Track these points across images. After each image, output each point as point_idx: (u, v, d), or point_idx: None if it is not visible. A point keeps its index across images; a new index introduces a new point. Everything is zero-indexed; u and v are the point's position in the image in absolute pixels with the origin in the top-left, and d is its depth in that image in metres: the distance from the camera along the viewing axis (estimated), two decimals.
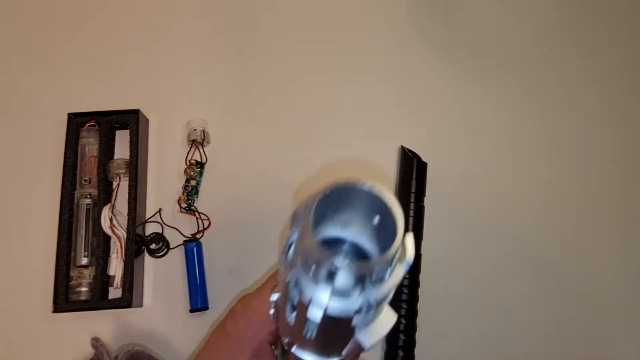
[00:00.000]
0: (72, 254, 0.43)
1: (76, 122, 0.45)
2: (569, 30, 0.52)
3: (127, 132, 0.46)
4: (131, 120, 0.45)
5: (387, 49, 0.51)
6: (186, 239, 0.44)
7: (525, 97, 0.50)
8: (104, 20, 0.51)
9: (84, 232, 0.43)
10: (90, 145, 0.45)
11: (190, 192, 0.45)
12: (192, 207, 0.45)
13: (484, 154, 0.49)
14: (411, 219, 0.44)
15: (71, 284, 0.42)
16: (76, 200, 0.44)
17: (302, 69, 0.50)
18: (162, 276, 0.44)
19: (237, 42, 0.51)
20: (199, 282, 0.43)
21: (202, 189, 0.46)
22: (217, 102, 0.49)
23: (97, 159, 0.44)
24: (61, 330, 0.43)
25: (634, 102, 0.51)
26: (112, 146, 0.47)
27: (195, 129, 0.46)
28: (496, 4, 0.53)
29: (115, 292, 0.43)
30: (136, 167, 0.44)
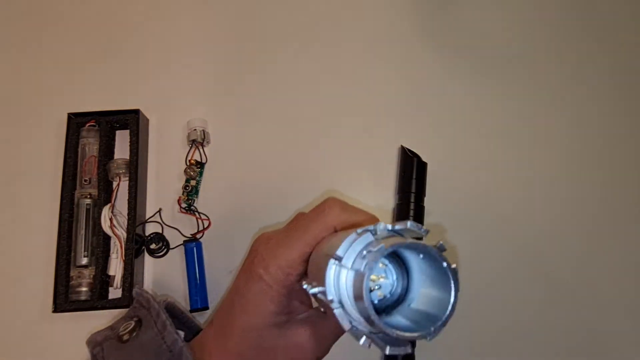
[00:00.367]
0: (72, 254, 0.43)
1: (76, 122, 0.45)
2: (569, 30, 0.52)
3: (127, 132, 0.46)
4: (131, 120, 0.45)
5: (387, 49, 0.51)
6: (186, 239, 0.44)
7: (525, 97, 0.50)
8: (104, 20, 0.51)
9: (84, 232, 0.43)
10: (90, 145, 0.45)
11: (190, 192, 0.45)
12: (192, 207, 0.45)
13: (484, 154, 0.49)
14: (411, 219, 0.44)
15: (71, 283, 0.42)
16: (76, 200, 0.44)
17: (302, 68, 0.50)
18: (162, 276, 0.44)
19: (237, 42, 0.51)
20: (199, 282, 0.43)
21: (202, 189, 0.46)
22: (217, 102, 0.49)
23: (97, 159, 0.44)
24: (61, 330, 0.43)
25: (634, 101, 0.51)
26: (112, 146, 0.47)
27: (195, 129, 0.46)
28: (497, 4, 0.53)
29: (115, 292, 0.43)
30: (136, 167, 0.44)
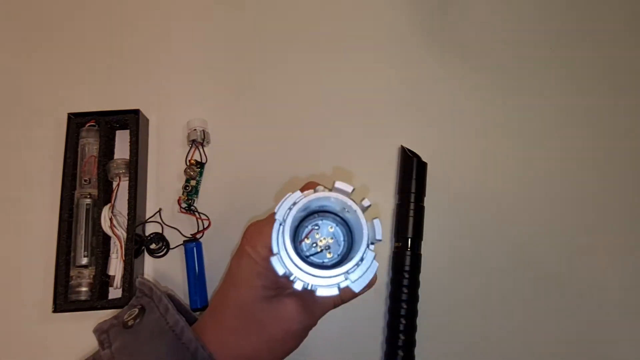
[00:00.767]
0: (72, 254, 0.43)
1: (76, 122, 0.45)
2: (569, 30, 0.52)
3: (127, 132, 0.46)
4: (131, 120, 0.45)
5: (387, 50, 0.51)
6: (186, 239, 0.44)
7: (526, 97, 0.50)
8: (105, 20, 0.51)
9: (83, 232, 0.43)
10: (90, 145, 0.45)
11: (190, 192, 0.45)
12: (192, 207, 0.45)
13: (484, 154, 0.49)
14: (411, 219, 0.44)
15: (71, 283, 0.42)
16: (76, 200, 0.44)
17: (302, 69, 0.50)
18: (162, 276, 0.44)
19: (237, 42, 0.51)
20: (198, 282, 0.43)
21: (202, 189, 0.46)
22: (217, 102, 0.49)
23: (97, 159, 0.44)
24: (61, 330, 0.43)
25: (637, 102, 0.51)
26: (112, 146, 0.47)
27: (195, 129, 0.46)
28: (497, 4, 0.53)
29: (115, 292, 0.43)
30: (136, 167, 0.44)
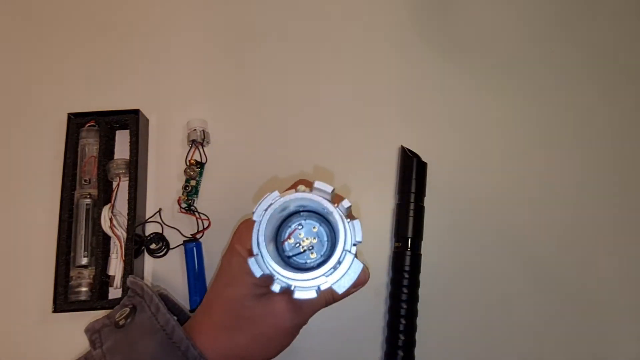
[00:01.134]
0: (72, 254, 0.43)
1: (76, 122, 0.45)
2: (570, 30, 0.52)
3: (127, 132, 0.46)
4: (131, 120, 0.45)
5: (387, 49, 0.51)
6: (186, 239, 0.44)
7: (526, 97, 0.50)
8: (105, 20, 0.51)
9: (83, 232, 0.43)
10: (90, 145, 0.45)
11: (190, 192, 0.45)
12: (192, 207, 0.45)
13: (484, 154, 0.49)
14: (411, 219, 0.44)
15: (71, 284, 0.42)
16: (76, 200, 0.44)
17: (302, 69, 0.50)
18: (162, 276, 0.44)
19: (237, 42, 0.51)
20: (198, 282, 0.43)
21: (202, 189, 0.46)
22: (217, 102, 0.49)
23: (97, 159, 0.44)
24: (61, 330, 0.43)
25: (636, 102, 0.51)
26: (112, 146, 0.47)
27: (195, 129, 0.46)
28: (497, 4, 0.53)
29: (115, 292, 0.43)
30: (136, 167, 0.44)
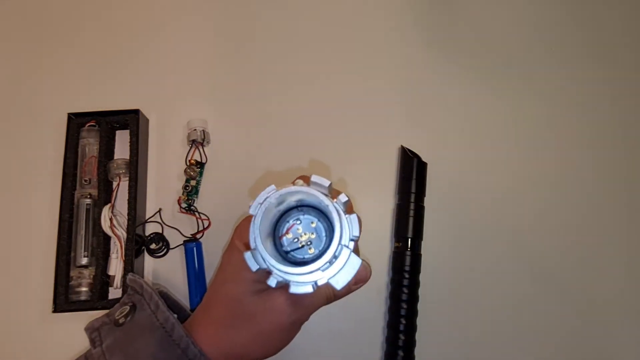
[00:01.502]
0: (72, 254, 0.43)
1: (76, 122, 0.45)
2: (570, 30, 0.52)
3: (127, 132, 0.46)
4: (131, 120, 0.45)
5: (387, 49, 0.51)
6: (186, 239, 0.44)
7: (525, 97, 0.50)
8: (104, 20, 0.51)
9: (84, 232, 0.43)
10: (90, 145, 0.45)
11: (190, 192, 0.45)
12: (192, 207, 0.45)
13: (484, 154, 0.49)
14: (411, 219, 0.44)
15: (71, 284, 0.42)
16: (76, 200, 0.44)
17: (303, 68, 0.50)
18: (162, 276, 0.44)
19: (237, 42, 0.51)
20: (198, 281, 0.43)
21: (202, 189, 0.46)
22: (217, 102, 0.49)
23: (97, 159, 0.45)
24: (61, 330, 0.43)
25: (638, 102, 0.51)
26: (112, 146, 0.47)
27: (195, 129, 0.46)
28: (497, 4, 0.53)
29: (115, 292, 0.43)
30: (136, 167, 0.44)
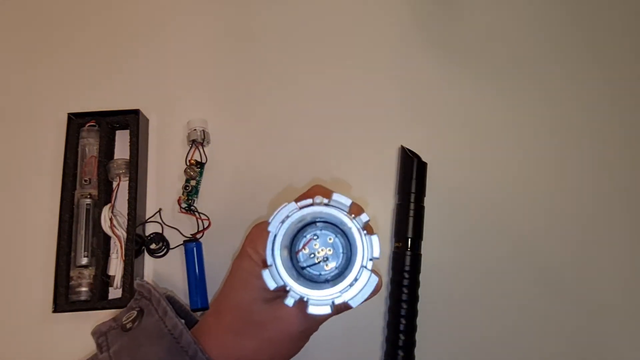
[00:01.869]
0: (72, 254, 0.43)
1: (76, 122, 0.45)
2: (570, 30, 0.52)
3: (127, 132, 0.46)
4: (131, 120, 0.45)
5: (387, 49, 0.51)
6: (186, 239, 0.44)
7: (525, 97, 0.50)
8: (104, 20, 0.51)
9: (84, 232, 0.43)
10: (90, 145, 0.45)
11: (190, 192, 0.45)
12: (192, 207, 0.45)
13: (484, 154, 0.49)
14: (411, 219, 0.44)
15: (71, 284, 0.42)
16: (76, 200, 0.44)
17: (303, 68, 0.50)
18: (162, 276, 0.44)
19: (237, 41, 0.51)
20: (199, 282, 0.43)
21: (202, 189, 0.46)
22: (217, 102, 0.49)
23: (97, 159, 0.45)
24: (61, 330, 0.43)
25: (638, 102, 0.50)
26: (112, 146, 0.47)
27: (195, 129, 0.46)
28: (498, 4, 0.53)
29: (115, 292, 0.43)
30: (136, 167, 0.44)
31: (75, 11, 0.51)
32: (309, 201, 0.27)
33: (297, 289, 0.26)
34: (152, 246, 0.44)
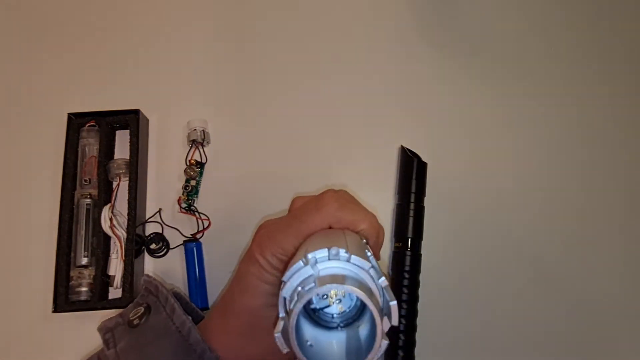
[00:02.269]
0: (72, 254, 0.43)
1: (76, 122, 0.45)
2: (570, 30, 0.52)
3: (127, 132, 0.46)
4: (131, 120, 0.45)
5: (387, 49, 0.51)
6: (186, 239, 0.44)
7: (525, 97, 0.50)
8: (105, 20, 0.51)
9: (84, 232, 0.43)
10: (90, 145, 0.45)
11: (190, 192, 0.45)
12: (192, 207, 0.45)
13: (484, 154, 0.49)
14: (411, 219, 0.44)
15: (71, 284, 0.42)
16: (76, 200, 0.44)
17: (302, 68, 0.50)
18: (162, 276, 0.44)
19: (237, 42, 0.51)
20: (199, 282, 0.43)
21: (202, 189, 0.46)
22: (217, 102, 0.49)
23: (97, 159, 0.45)
24: (61, 330, 0.43)
25: (637, 102, 0.51)
26: (112, 146, 0.47)
27: (195, 129, 0.46)
28: (497, 3, 0.53)
29: (115, 292, 0.43)
30: (136, 167, 0.44)
31: (75, 11, 0.51)
32: (328, 277, 0.24)
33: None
34: (152, 246, 0.44)
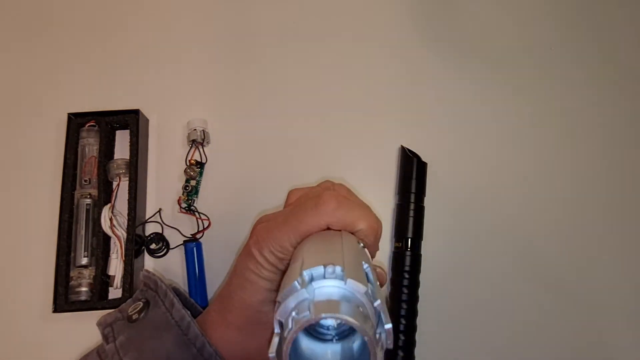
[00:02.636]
0: (72, 254, 0.43)
1: (76, 122, 0.45)
2: (570, 30, 0.52)
3: (127, 132, 0.46)
4: (131, 120, 0.45)
5: (387, 49, 0.51)
6: (186, 239, 0.44)
7: (525, 97, 0.50)
8: (105, 20, 0.51)
9: (84, 232, 0.43)
10: (90, 145, 0.45)
11: (190, 192, 0.45)
12: (192, 207, 0.45)
13: (484, 154, 0.49)
14: (411, 219, 0.44)
15: (71, 284, 0.42)
16: (76, 200, 0.44)
17: (302, 68, 0.50)
18: (162, 276, 0.44)
19: (237, 42, 0.51)
20: (198, 281, 0.43)
21: (202, 189, 0.46)
22: (217, 102, 0.49)
23: (97, 159, 0.45)
24: (61, 330, 0.43)
25: (635, 103, 0.51)
26: (112, 146, 0.47)
27: (195, 129, 0.46)
28: (497, 4, 0.53)
29: (115, 292, 0.43)
30: (136, 167, 0.44)
31: (75, 11, 0.51)
32: (320, 267, 0.22)
33: None
34: (152, 246, 0.44)
